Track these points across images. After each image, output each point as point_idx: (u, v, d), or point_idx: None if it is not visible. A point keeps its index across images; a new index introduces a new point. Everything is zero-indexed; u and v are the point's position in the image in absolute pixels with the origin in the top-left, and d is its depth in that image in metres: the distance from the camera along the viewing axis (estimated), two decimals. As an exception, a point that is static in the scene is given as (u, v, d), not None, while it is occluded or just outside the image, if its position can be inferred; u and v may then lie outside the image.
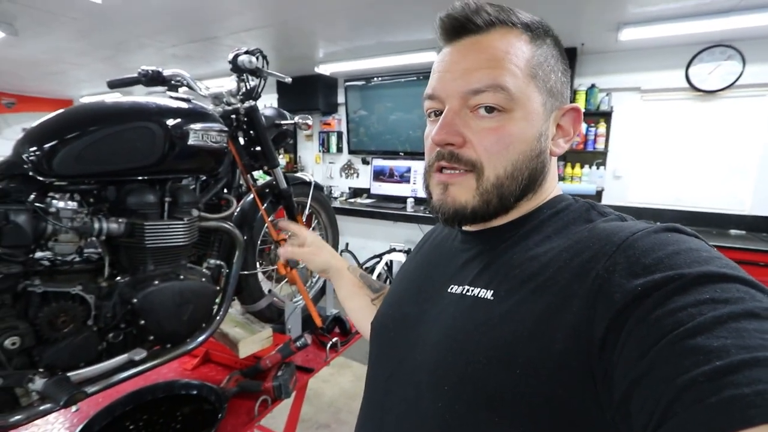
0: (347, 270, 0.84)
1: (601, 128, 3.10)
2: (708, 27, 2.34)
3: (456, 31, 0.47)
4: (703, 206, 2.95)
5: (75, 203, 0.81)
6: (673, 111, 2.98)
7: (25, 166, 0.75)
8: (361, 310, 0.78)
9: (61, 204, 0.78)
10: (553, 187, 0.52)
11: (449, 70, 0.47)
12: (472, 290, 0.47)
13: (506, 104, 0.45)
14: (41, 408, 0.72)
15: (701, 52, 2.76)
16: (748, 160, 2.80)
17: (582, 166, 3.23)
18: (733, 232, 2.82)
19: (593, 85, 3.10)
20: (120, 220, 0.86)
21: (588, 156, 3.21)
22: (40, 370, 0.74)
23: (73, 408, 0.74)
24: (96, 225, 0.82)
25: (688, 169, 2.97)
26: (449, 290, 0.50)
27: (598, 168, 3.19)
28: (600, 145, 3.13)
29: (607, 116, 3.09)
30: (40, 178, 0.77)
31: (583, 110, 0.52)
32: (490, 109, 0.45)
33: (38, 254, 0.79)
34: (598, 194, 3.18)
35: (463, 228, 0.56)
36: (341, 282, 0.83)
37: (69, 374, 0.77)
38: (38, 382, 0.71)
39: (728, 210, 2.89)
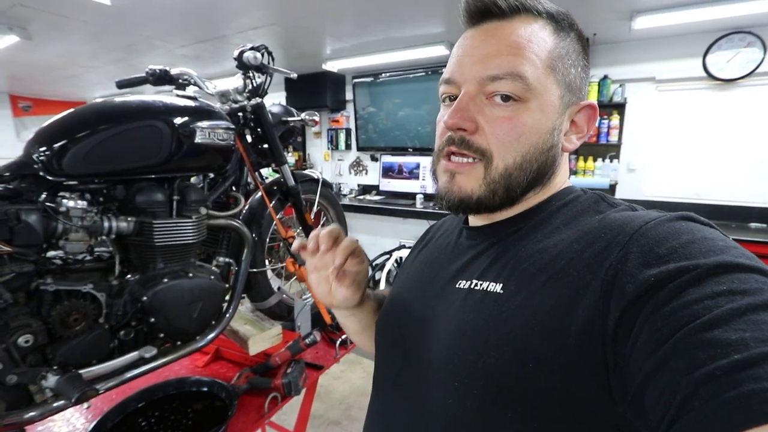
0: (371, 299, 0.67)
1: (615, 120, 3.03)
2: (726, 12, 2.26)
3: (480, 14, 0.46)
4: (722, 199, 2.86)
5: (85, 202, 0.82)
6: (690, 101, 2.89)
7: (36, 166, 0.76)
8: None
9: (71, 203, 0.79)
10: (563, 182, 0.51)
11: (468, 55, 0.46)
12: (481, 284, 0.46)
13: (522, 94, 0.43)
14: (54, 405, 0.73)
15: (719, 39, 2.67)
16: (770, 151, 2.70)
17: (595, 160, 3.16)
18: (753, 225, 2.73)
19: (606, 77, 3.02)
20: (129, 218, 0.87)
21: (601, 149, 3.14)
22: (54, 367, 0.76)
23: (85, 405, 0.75)
24: (106, 224, 0.83)
25: (706, 161, 2.88)
26: (457, 286, 0.49)
27: (611, 161, 3.12)
28: (613, 138, 3.05)
29: (620, 108, 3.01)
30: (50, 178, 0.77)
31: (596, 102, 0.50)
32: (505, 98, 0.44)
33: (50, 253, 0.80)
34: (612, 188, 3.11)
35: (470, 223, 0.55)
36: (365, 314, 0.65)
37: (81, 371, 0.78)
38: (51, 379, 0.72)
39: (748, 203, 2.80)
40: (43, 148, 0.77)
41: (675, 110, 2.94)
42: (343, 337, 1.35)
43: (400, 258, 3.56)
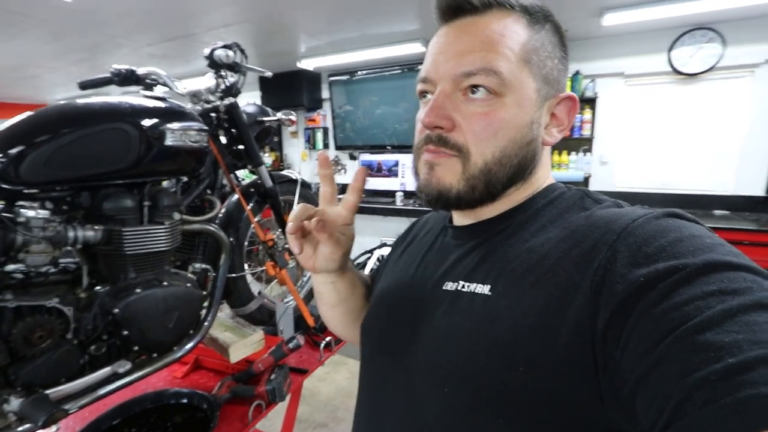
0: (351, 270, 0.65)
1: (587, 114, 3.11)
2: (689, 9, 2.35)
3: (452, 11, 0.46)
4: (688, 188, 2.99)
5: (47, 211, 0.77)
6: (657, 95, 3.00)
7: (-10, 175, 0.71)
8: (354, 312, 0.65)
9: (31, 213, 0.74)
10: (545, 177, 0.50)
11: (442, 52, 0.45)
12: (468, 286, 0.45)
13: (498, 89, 0.43)
14: (19, 429, 0.68)
15: (683, 35, 2.78)
16: (731, 142, 2.84)
17: (569, 153, 3.24)
18: (717, 212, 2.87)
19: (577, 72, 3.10)
20: (96, 227, 0.82)
21: (574, 143, 3.23)
22: (17, 389, 0.71)
23: (53, 427, 0.71)
24: (70, 233, 0.78)
25: (673, 153, 3.01)
26: (443, 287, 0.48)
27: (584, 154, 3.21)
28: (586, 132, 3.14)
29: (591, 102, 3.10)
30: (7, 186, 0.72)
31: (575, 94, 0.49)
32: (480, 93, 0.43)
33: (9, 267, 0.75)
34: (586, 180, 3.20)
35: (454, 222, 0.54)
36: (344, 284, 0.62)
37: (49, 391, 0.74)
38: (14, 403, 0.67)
39: (712, 191, 2.94)
40: (-2, 155, 0.71)
41: (643, 104, 3.05)
42: (327, 339, 1.33)
43: (382, 256, 3.55)
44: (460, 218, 0.53)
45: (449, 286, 0.47)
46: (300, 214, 0.50)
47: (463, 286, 0.45)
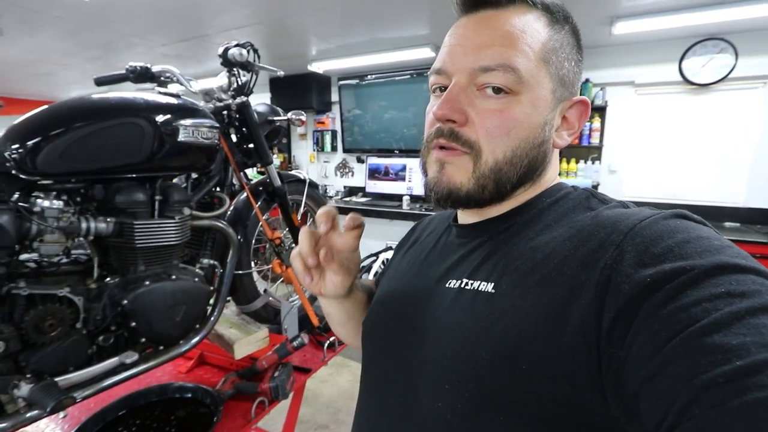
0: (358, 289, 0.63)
1: (596, 123, 3.10)
2: (700, 19, 2.35)
3: (473, 2, 0.45)
4: (697, 199, 2.96)
5: (61, 202, 0.78)
6: (667, 105, 2.98)
7: (8, 165, 0.73)
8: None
9: (46, 203, 0.76)
10: (553, 179, 0.50)
11: (461, 44, 0.45)
12: (472, 283, 0.44)
13: (514, 86, 0.42)
14: (28, 415, 0.69)
15: (694, 45, 2.76)
16: (742, 153, 2.81)
17: (577, 161, 3.23)
18: (727, 224, 2.84)
19: (587, 80, 3.10)
20: (108, 219, 0.83)
21: (583, 151, 3.22)
22: (27, 375, 0.72)
23: (61, 414, 0.72)
24: (83, 225, 0.80)
25: (683, 163, 2.98)
26: (447, 285, 0.48)
27: (593, 163, 3.19)
28: (595, 140, 3.13)
29: (601, 111, 3.09)
30: (24, 177, 0.74)
31: (588, 98, 0.49)
32: (497, 90, 0.43)
33: (23, 256, 0.76)
34: (594, 189, 3.18)
35: (459, 221, 0.54)
36: (351, 303, 0.62)
37: (57, 379, 0.75)
38: (24, 388, 0.68)
39: (722, 203, 2.90)
40: (16, 146, 0.73)
41: (653, 113, 3.04)
42: (331, 339, 1.33)
43: (387, 260, 3.55)
44: (465, 217, 0.53)
45: (452, 283, 0.47)
46: (306, 250, 0.48)
47: (467, 284, 0.45)
